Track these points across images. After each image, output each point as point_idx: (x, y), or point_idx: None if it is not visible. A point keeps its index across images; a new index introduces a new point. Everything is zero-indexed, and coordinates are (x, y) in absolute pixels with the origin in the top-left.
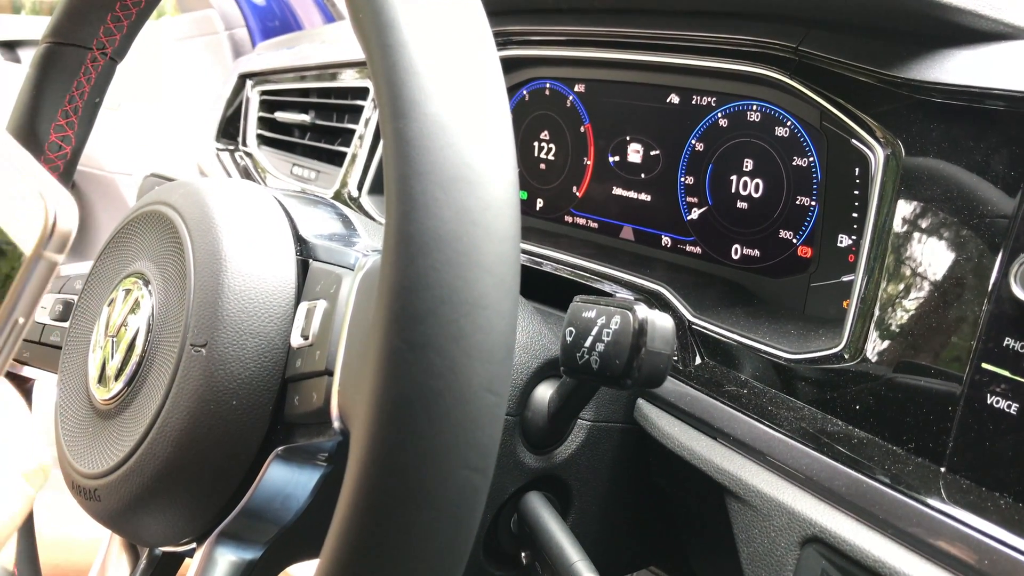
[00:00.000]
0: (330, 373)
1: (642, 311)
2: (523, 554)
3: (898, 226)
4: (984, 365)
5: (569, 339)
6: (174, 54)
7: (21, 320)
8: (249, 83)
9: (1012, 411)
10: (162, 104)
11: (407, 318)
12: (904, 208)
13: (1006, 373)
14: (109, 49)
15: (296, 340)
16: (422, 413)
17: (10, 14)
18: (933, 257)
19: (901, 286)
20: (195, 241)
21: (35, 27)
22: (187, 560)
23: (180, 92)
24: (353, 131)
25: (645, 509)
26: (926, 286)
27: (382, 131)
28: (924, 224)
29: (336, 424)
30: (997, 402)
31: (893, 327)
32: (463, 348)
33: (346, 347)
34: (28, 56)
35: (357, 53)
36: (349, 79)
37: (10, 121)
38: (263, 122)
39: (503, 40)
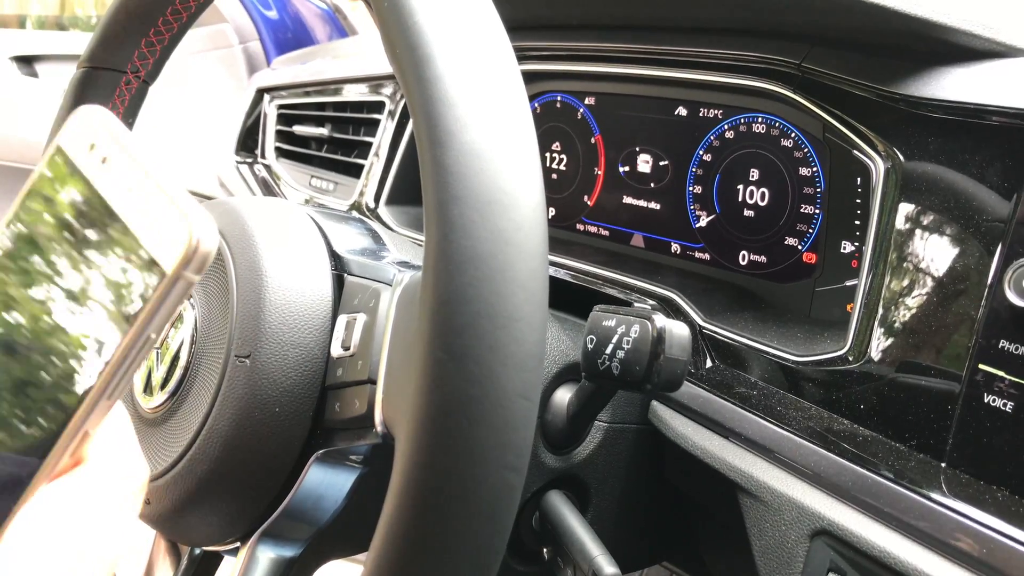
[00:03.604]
0: (373, 382)
1: (660, 320)
2: (544, 550)
3: (899, 233)
4: (981, 366)
5: (590, 346)
6: (189, 68)
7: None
8: (267, 97)
9: (1008, 409)
10: (177, 116)
11: (447, 331)
12: (904, 216)
13: (1002, 373)
14: (143, 72)
15: (336, 351)
16: (463, 418)
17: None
18: (932, 263)
19: (902, 291)
20: (236, 258)
21: (50, 43)
22: (224, 559)
23: (196, 105)
24: (369, 144)
25: (659, 506)
26: (926, 291)
27: (420, 159)
28: (923, 231)
29: (379, 429)
30: (994, 401)
31: (895, 330)
32: (499, 358)
33: (388, 357)
34: (45, 71)
35: (371, 68)
36: (365, 93)
37: (48, 142)
38: (281, 135)
39: (516, 55)
